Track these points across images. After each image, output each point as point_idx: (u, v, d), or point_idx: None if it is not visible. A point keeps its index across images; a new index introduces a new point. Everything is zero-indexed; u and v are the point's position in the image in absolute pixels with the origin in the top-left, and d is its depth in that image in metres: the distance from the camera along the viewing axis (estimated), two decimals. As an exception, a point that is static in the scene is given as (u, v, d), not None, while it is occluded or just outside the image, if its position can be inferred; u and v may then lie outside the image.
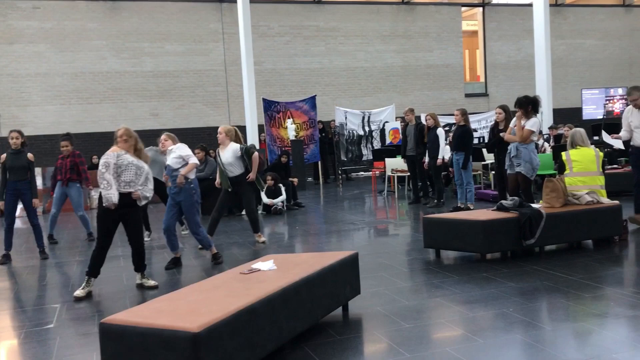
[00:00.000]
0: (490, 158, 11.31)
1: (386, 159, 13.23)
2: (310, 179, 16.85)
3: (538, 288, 5.08)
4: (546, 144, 12.91)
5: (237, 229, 9.32)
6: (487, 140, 10.89)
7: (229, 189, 7.69)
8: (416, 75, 20.24)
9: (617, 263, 5.96)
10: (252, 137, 15.96)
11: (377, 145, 16.68)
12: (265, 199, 10.85)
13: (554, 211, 6.43)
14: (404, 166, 11.73)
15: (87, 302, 5.47)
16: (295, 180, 12.20)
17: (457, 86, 20.79)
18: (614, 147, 10.97)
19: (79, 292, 5.60)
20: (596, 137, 13.94)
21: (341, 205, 11.87)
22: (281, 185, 11.16)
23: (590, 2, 22.31)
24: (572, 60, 22.00)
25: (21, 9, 16.50)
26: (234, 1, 17.22)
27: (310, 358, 3.79)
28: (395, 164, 12.78)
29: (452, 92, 20.63)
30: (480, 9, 21.31)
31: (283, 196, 11.06)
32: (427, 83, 20.38)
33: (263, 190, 7.85)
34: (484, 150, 11.99)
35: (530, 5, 15.01)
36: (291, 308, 3.82)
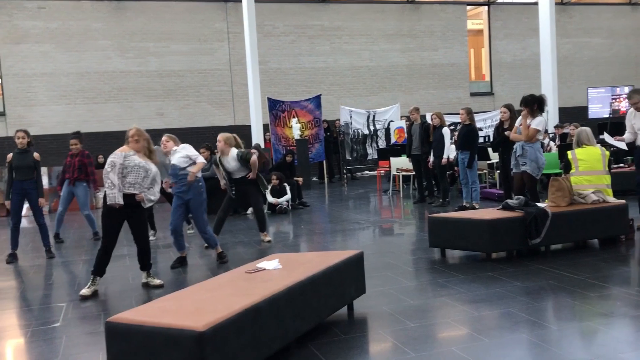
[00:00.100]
0: (495, 157, 11.29)
1: (391, 158, 13.22)
2: (315, 178, 16.87)
3: (544, 287, 5.07)
4: (552, 143, 12.87)
5: (243, 228, 9.33)
6: (492, 139, 10.87)
7: (233, 195, 7.72)
8: (421, 74, 20.21)
9: (624, 262, 5.94)
10: (257, 137, 15.97)
11: (382, 144, 16.67)
12: (270, 198, 10.86)
13: (560, 210, 6.41)
14: (409, 165, 11.73)
15: (93, 301, 5.49)
16: (300, 179, 12.20)
17: (463, 85, 20.75)
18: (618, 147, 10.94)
19: (85, 291, 5.62)
20: (602, 136, 13.90)
21: (346, 204, 11.87)
22: (286, 184, 11.17)
23: (596, 1, 22.21)
24: (578, 58, 21.91)
25: (27, 9, 16.56)
26: (239, 1, 17.22)
27: (315, 357, 3.79)
28: (400, 163, 12.77)
29: (457, 91, 20.59)
30: (485, 8, 21.25)
31: (288, 195, 11.07)
32: (432, 82, 20.35)
33: (267, 189, 7.86)
34: (490, 149, 11.97)
35: (535, 3, 14.96)
36: (296, 307, 3.82)
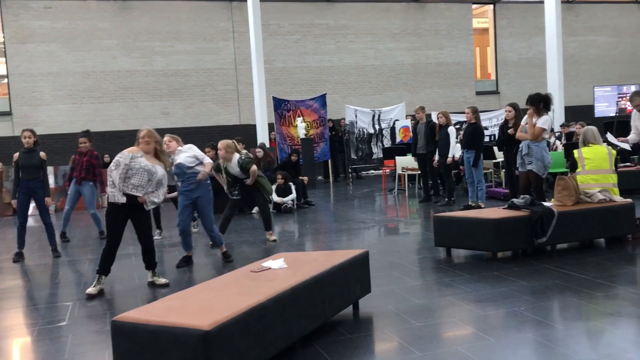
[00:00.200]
0: (501, 156, 11.26)
1: (396, 157, 13.21)
2: (320, 178, 16.85)
3: (550, 287, 5.05)
4: (558, 142, 12.83)
5: (248, 228, 9.34)
6: (497, 138, 10.85)
7: (235, 196, 7.74)
8: (426, 73, 20.17)
9: (630, 262, 5.91)
10: (262, 136, 15.98)
11: (388, 143, 16.65)
12: (275, 198, 10.87)
13: (566, 209, 6.39)
14: (415, 164, 11.71)
15: (99, 300, 5.51)
16: (305, 178, 12.20)
17: (468, 84, 20.70)
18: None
19: (91, 290, 5.64)
20: (606, 135, 13.84)
21: (351, 203, 11.86)
22: (291, 183, 11.18)
23: (602, -1, 22.14)
24: (584, 57, 21.82)
25: (33, 9, 16.62)
26: (244, 0, 17.23)
27: (320, 356, 3.79)
28: (405, 162, 12.75)
29: (463, 90, 20.54)
30: (491, 6, 21.18)
31: (293, 195, 11.08)
32: (438, 81, 20.30)
33: (271, 195, 7.92)
34: (495, 148, 11.94)
35: (541, 2, 14.90)
36: (302, 306, 3.82)
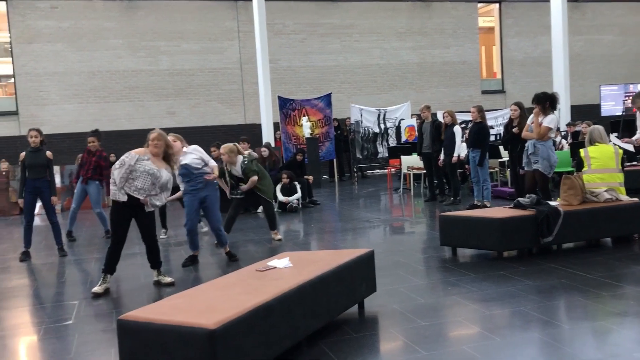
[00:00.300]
0: (507, 155, 11.22)
1: (402, 157, 13.18)
2: (325, 177, 16.85)
3: (556, 286, 5.03)
4: (564, 141, 12.78)
5: (253, 227, 9.35)
6: (502, 137, 10.81)
7: (238, 195, 7.76)
8: (432, 72, 20.13)
9: (637, 261, 5.88)
10: (268, 135, 15.99)
11: (393, 142, 16.62)
12: (280, 197, 10.89)
13: (572, 209, 6.36)
14: (420, 164, 11.69)
15: (105, 299, 5.52)
16: (310, 178, 12.21)
17: (474, 83, 20.65)
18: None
19: (97, 289, 5.65)
20: (615, 134, 13.77)
21: (356, 202, 11.86)
22: (296, 183, 11.18)
23: (608, -3, 22.05)
24: (591, 56, 21.72)
25: (39, 9, 16.68)
26: (250, -1, 17.26)
27: (326, 355, 3.79)
28: (411, 162, 12.73)
29: (469, 89, 20.49)
30: (496, 5, 21.12)
31: (298, 194, 11.08)
32: (444, 80, 20.26)
33: (272, 198, 7.96)
34: (501, 147, 11.89)
35: (547, 0, 14.85)
36: (307, 305, 3.82)
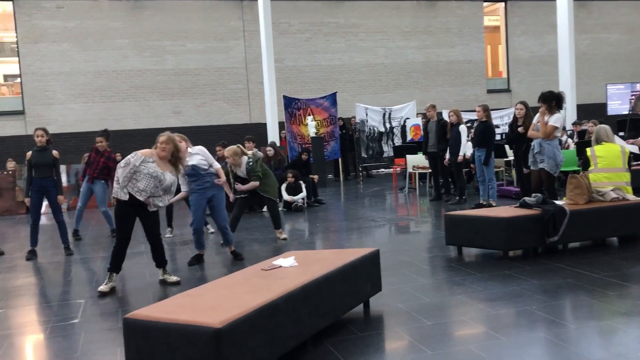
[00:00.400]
0: (512, 154, 11.19)
1: (407, 156, 13.16)
2: (330, 176, 16.85)
3: (561, 286, 5.02)
4: (570, 140, 12.74)
5: (258, 226, 9.36)
6: (507, 136, 10.79)
7: (245, 195, 7.77)
8: (437, 71, 20.09)
9: (643, 261, 5.86)
10: (273, 134, 16.00)
11: (398, 141, 16.61)
12: (285, 196, 10.90)
13: (578, 208, 6.34)
14: (425, 163, 11.67)
15: (111, 298, 5.54)
16: (315, 177, 12.21)
17: (479, 82, 20.60)
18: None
19: (103, 288, 5.68)
20: (621, 133, 13.71)
21: (362, 202, 11.85)
22: (302, 182, 11.19)
23: (615, -4, 21.94)
24: (597, 54, 21.63)
25: (46, 9, 16.73)
26: (255, -1, 17.25)
27: (331, 354, 3.79)
28: (416, 161, 12.71)
29: (474, 88, 20.44)
30: (502, 4, 21.06)
31: (303, 193, 11.09)
32: (449, 79, 20.22)
33: (276, 197, 8.00)
34: (507, 146, 11.86)
35: (553, -1, 14.80)
36: (312, 304, 3.82)
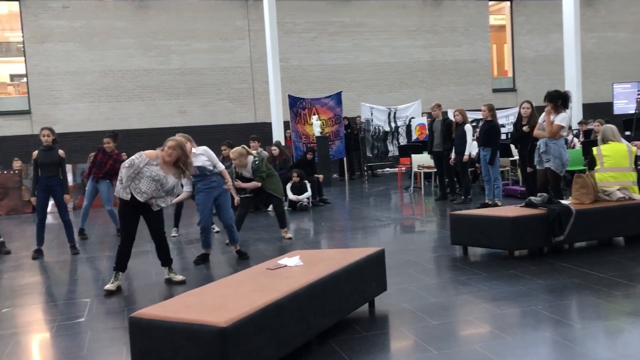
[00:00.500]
0: (517, 154, 11.16)
1: (412, 155, 13.15)
2: (335, 176, 16.84)
3: (567, 285, 5.00)
4: (576, 140, 12.69)
5: (264, 225, 9.37)
6: (511, 135, 10.76)
7: (250, 194, 7.79)
8: (443, 70, 20.06)
9: (650, 261, 5.84)
10: (278, 134, 16.01)
11: (403, 141, 16.58)
12: (290, 195, 10.90)
13: (584, 207, 6.32)
14: (431, 162, 11.65)
15: (117, 297, 5.56)
16: (320, 176, 12.21)
17: (485, 81, 20.55)
18: None
19: (109, 287, 5.69)
20: (628, 133, 13.65)
21: (367, 201, 11.84)
22: (307, 181, 11.19)
23: (622, -6, 21.84)
24: (603, 53, 21.54)
25: (52, 9, 16.79)
26: (260, -2, 17.27)
27: (336, 354, 3.79)
28: (421, 160, 12.70)
29: (480, 88, 20.40)
30: (508, 3, 21.00)
31: (308, 192, 11.09)
32: (454, 78, 20.18)
33: (282, 195, 8.02)
34: (512, 145, 11.84)
35: (559, -2, 14.75)
36: (317, 304, 3.82)
